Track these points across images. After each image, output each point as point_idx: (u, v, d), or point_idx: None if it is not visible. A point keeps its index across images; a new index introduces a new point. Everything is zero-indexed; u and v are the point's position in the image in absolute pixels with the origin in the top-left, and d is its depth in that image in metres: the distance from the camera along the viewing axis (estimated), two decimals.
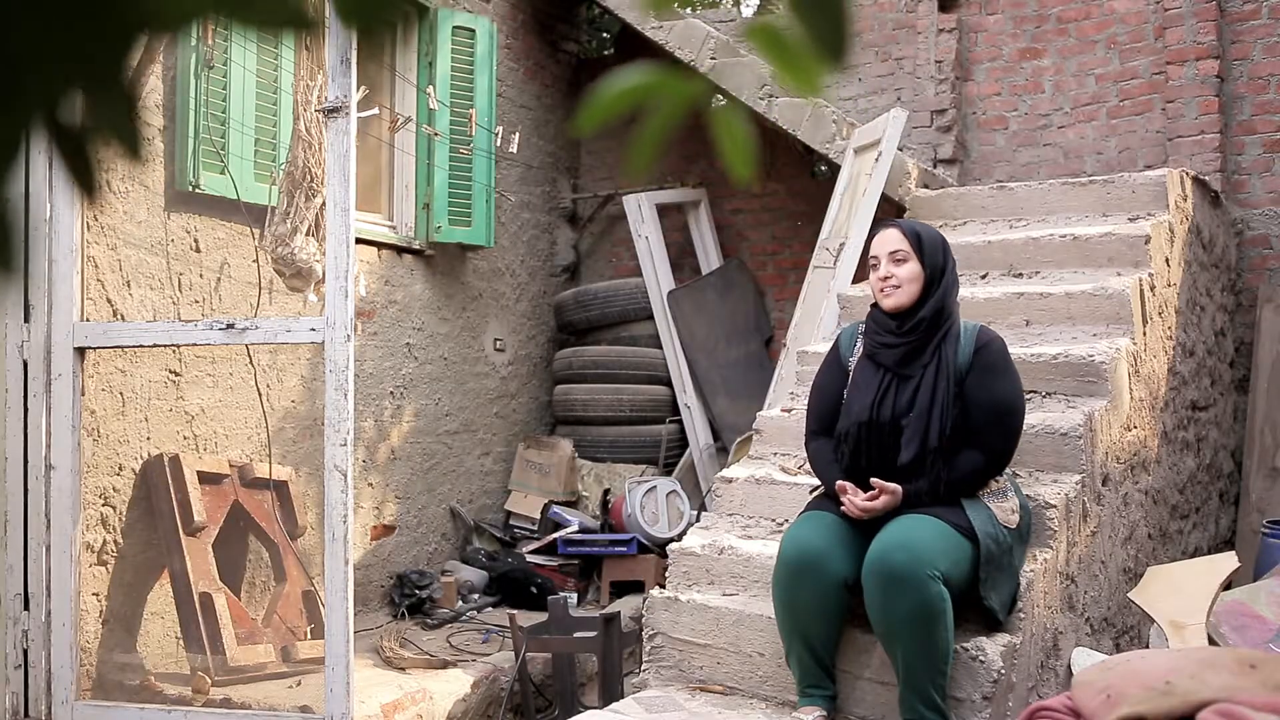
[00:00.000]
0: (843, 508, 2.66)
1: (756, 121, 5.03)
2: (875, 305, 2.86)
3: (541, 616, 3.93)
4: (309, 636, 3.74)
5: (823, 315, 4.20)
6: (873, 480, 2.62)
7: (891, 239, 2.81)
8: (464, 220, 5.09)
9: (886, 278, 2.79)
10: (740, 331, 5.74)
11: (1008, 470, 2.80)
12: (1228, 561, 3.12)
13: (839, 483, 2.69)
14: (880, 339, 2.80)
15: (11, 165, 0.50)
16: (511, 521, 5.42)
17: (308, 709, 3.17)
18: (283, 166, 3.55)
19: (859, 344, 2.90)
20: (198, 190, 3.79)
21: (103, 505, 3.54)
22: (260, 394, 3.96)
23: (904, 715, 2.54)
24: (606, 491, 5.38)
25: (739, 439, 4.94)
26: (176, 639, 3.65)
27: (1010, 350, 2.96)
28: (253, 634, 3.61)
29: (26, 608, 3.11)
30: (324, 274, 3.06)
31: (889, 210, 4.58)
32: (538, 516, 5.28)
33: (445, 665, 3.84)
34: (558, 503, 5.32)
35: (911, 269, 2.77)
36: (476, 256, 5.41)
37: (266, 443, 4.00)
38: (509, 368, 5.66)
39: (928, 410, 2.66)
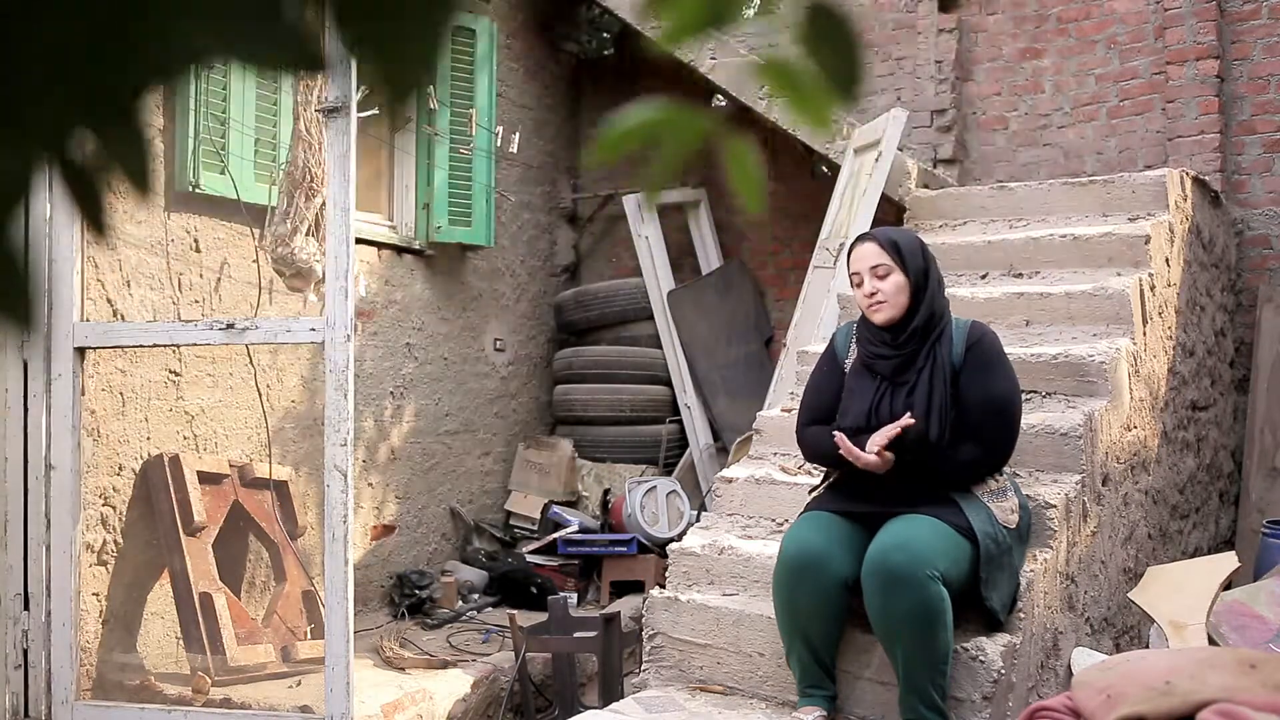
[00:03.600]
0: (841, 450, 2.61)
1: (757, 121, 5.03)
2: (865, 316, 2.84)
3: (541, 616, 3.93)
4: (309, 636, 3.74)
5: (823, 315, 4.20)
6: (876, 442, 2.59)
7: (870, 254, 2.77)
8: (464, 220, 5.09)
9: (872, 294, 2.75)
10: (740, 331, 5.74)
11: (1008, 470, 2.80)
12: (1228, 561, 3.12)
13: (837, 435, 2.65)
14: (875, 350, 2.77)
15: (17, 203, 0.49)
16: (511, 521, 5.42)
17: (308, 709, 3.17)
18: (283, 166, 3.55)
19: (854, 345, 2.89)
20: (198, 190, 3.78)
21: (103, 505, 3.54)
22: (260, 394, 3.96)
23: (904, 715, 2.54)
24: (606, 491, 5.38)
25: (739, 439, 4.94)
26: (176, 639, 3.65)
27: (1010, 350, 2.95)
28: (253, 634, 3.60)
29: (26, 608, 3.11)
30: (324, 274, 3.06)
31: (889, 210, 4.58)
32: (538, 516, 5.28)
33: (445, 665, 3.84)
34: (558, 503, 5.31)
35: (896, 281, 2.73)
36: (476, 256, 5.41)
37: (266, 443, 4.00)
38: (509, 368, 5.66)
39: (925, 414, 2.65)
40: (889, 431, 2.59)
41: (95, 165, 0.49)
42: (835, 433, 2.66)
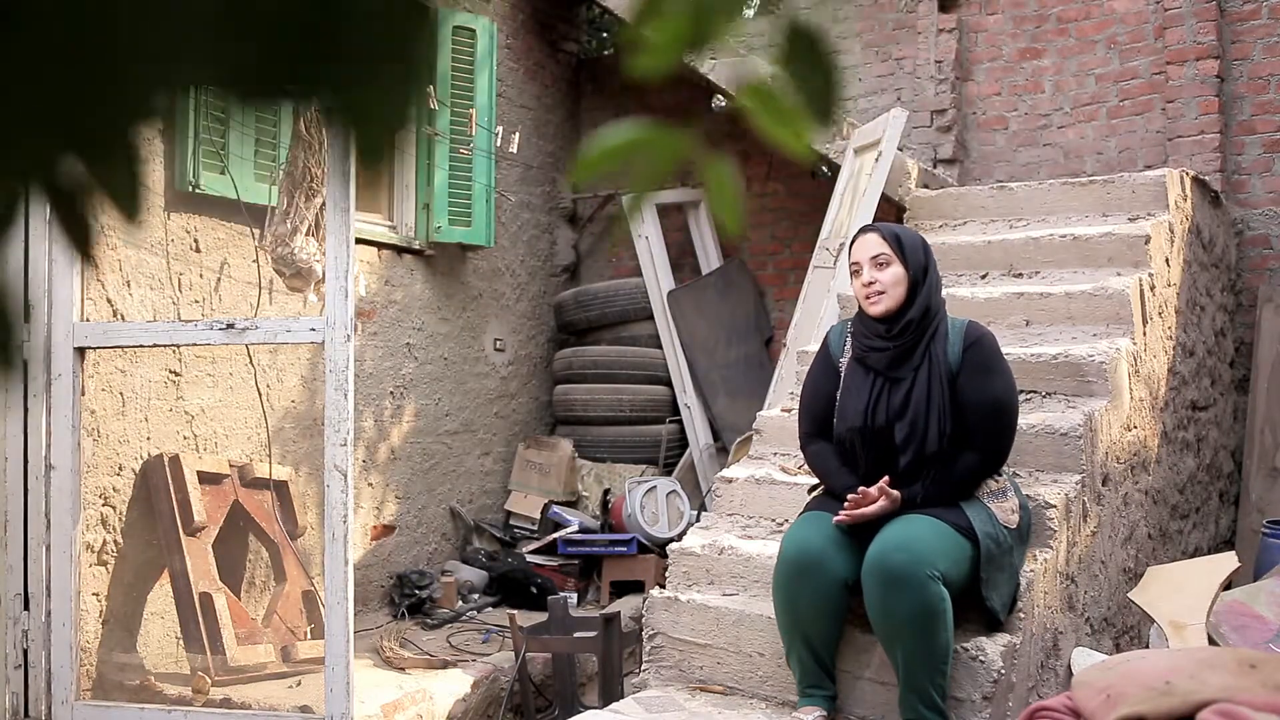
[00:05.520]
0: (836, 519, 2.64)
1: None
2: (861, 310, 2.85)
3: (541, 616, 3.93)
4: (309, 636, 3.74)
5: (823, 315, 4.20)
6: (879, 485, 2.61)
7: (872, 244, 2.79)
8: (464, 220, 5.09)
9: (870, 283, 2.76)
10: (740, 331, 5.74)
11: (1008, 470, 2.80)
12: (1228, 561, 3.12)
13: (840, 515, 2.64)
14: (869, 343, 2.78)
15: (6, 233, 0.48)
16: (511, 521, 5.41)
17: (308, 709, 3.17)
18: (283, 166, 3.55)
19: (848, 343, 2.89)
20: (198, 190, 3.78)
21: (103, 505, 3.54)
22: (260, 394, 3.96)
23: (904, 715, 2.54)
24: (606, 491, 5.38)
25: (739, 439, 4.94)
26: (176, 639, 3.65)
27: (1010, 350, 2.95)
28: (253, 634, 3.60)
29: (26, 608, 3.11)
30: (324, 274, 3.06)
31: (889, 210, 4.58)
32: (538, 516, 5.28)
33: (445, 665, 3.84)
34: (558, 503, 5.31)
35: (895, 272, 2.75)
36: (476, 256, 5.41)
37: (266, 443, 4.00)
38: (509, 368, 5.66)
39: (924, 413, 2.65)
40: (879, 501, 2.59)
41: (83, 194, 0.49)
42: (840, 514, 2.63)
